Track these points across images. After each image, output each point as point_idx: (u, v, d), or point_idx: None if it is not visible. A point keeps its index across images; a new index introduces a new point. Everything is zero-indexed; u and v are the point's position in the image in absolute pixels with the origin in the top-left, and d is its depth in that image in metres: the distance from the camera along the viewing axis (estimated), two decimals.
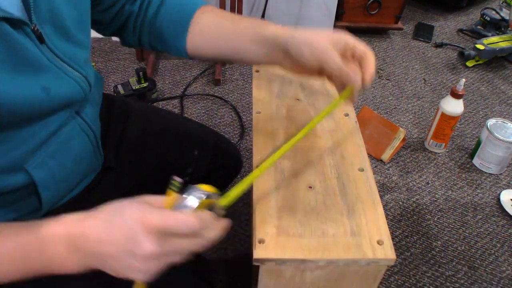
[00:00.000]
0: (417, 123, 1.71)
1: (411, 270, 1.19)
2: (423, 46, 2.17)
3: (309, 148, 0.74)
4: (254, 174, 0.58)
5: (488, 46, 1.95)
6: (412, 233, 1.29)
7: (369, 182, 0.69)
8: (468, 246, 1.27)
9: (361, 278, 0.62)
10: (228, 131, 1.62)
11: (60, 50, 0.57)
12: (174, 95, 1.77)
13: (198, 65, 1.94)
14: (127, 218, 0.47)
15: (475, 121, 1.73)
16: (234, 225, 1.29)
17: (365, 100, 1.81)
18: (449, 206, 1.38)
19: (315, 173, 0.70)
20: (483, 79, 1.97)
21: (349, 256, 0.58)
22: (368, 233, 0.61)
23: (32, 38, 0.52)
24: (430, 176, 1.48)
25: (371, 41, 2.19)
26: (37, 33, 0.52)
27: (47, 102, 0.56)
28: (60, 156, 0.62)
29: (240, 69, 1.94)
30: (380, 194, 1.41)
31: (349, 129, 0.79)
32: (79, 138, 0.66)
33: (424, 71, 2.00)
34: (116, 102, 0.85)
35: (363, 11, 2.11)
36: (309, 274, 0.61)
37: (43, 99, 0.55)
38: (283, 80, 0.90)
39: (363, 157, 0.73)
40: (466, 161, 1.55)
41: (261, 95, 0.86)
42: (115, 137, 0.81)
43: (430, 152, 1.58)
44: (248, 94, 1.79)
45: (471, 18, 2.42)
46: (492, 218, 1.35)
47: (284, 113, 0.82)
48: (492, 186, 1.46)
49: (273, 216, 0.62)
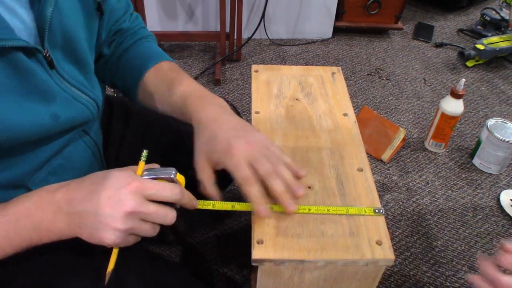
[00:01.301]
0: (417, 123, 1.71)
1: (411, 270, 1.19)
2: (423, 46, 2.17)
3: (308, 148, 0.74)
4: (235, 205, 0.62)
5: (488, 46, 1.95)
6: (412, 233, 1.29)
7: (368, 182, 0.69)
8: (468, 246, 1.27)
9: (360, 278, 0.62)
10: None
11: (70, 74, 0.57)
12: None
13: (198, 65, 1.95)
14: (113, 181, 0.50)
15: (475, 121, 1.73)
16: (233, 225, 1.29)
17: (365, 100, 1.81)
18: (449, 206, 1.38)
19: (314, 173, 0.70)
20: (483, 79, 1.97)
21: (348, 256, 0.58)
22: (367, 234, 0.61)
23: (43, 64, 0.52)
24: (430, 176, 1.48)
25: (371, 41, 2.19)
26: (48, 59, 0.52)
27: (56, 128, 0.56)
28: (62, 172, 0.62)
29: (240, 69, 1.94)
30: (380, 194, 1.41)
31: (348, 129, 0.79)
32: (83, 153, 0.66)
33: (424, 71, 2.00)
34: (116, 103, 0.85)
35: (363, 11, 2.11)
36: (308, 275, 0.61)
37: (51, 125, 0.55)
38: (282, 80, 0.90)
39: (362, 157, 0.73)
40: (466, 161, 1.55)
41: (260, 95, 0.86)
42: (116, 142, 0.82)
43: (430, 152, 1.58)
44: (248, 94, 1.79)
45: (471, 18, 2.42)
46: (492, 218, 1.35)
47: (283, 113, 0.82)
48: (492, 186, 1.45)
49: (272, 216, 0.62)
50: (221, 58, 1.90)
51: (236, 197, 1.29)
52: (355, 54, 2.09)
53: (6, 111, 0.48)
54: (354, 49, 2.13)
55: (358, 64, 2.02)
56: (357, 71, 1.98)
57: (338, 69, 0.95)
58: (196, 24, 2.05)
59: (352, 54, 2.09)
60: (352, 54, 2.09)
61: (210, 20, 2.04)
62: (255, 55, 2.03)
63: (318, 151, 0.74)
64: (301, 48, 2.10)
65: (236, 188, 1.39)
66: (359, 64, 2.02)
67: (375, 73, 1.97)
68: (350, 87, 1.87)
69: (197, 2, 1.97)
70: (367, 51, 2.12)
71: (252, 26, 1.99)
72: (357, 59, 2.05)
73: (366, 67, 2.01)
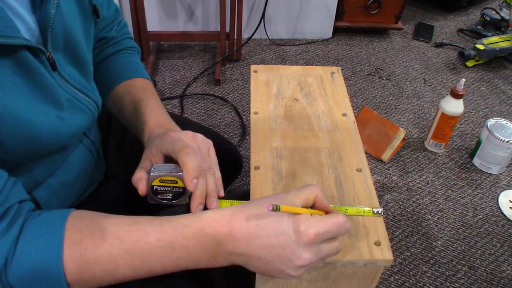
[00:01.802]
0: (417, 123, 1.70)
1: (411, 270, 1.19)
2: (423, 46, 2.17)
3: (307, 148, 0.74)
4: None
5: (488, 46, 1.95)
6: (412, 233, 1.29)
7: (367, 183, 0.69)
8: (468, 246, 1.26)
9: (359, 279, 0.62)
10: (228, 131, 1.62)
11: (71, 76, 0.58)
12: (174, 95, 1.77)
13: (198, 65, 1.95)
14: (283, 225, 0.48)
15: (475, 121, 1.73)
16: None
17: (365, 100, 1.81)
18: (449, 206, 1.38)
19: (313, 174, 0.69)
20: (483, 79, 1.97)
21: (346, 257, 0.58)
22: (366, 234, 0.61)
23: (46, 65, 0.52)
24: (430, 176, 1.48)
25: (371, 41, 2.19)
26: (50, 60, 0.52)
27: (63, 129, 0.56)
28: (61, 173, 0.62)
29: (240, 69, 1.94)
30: (380, 194, 1.41)
31: (347, 129, 0.79)
32: (82, 156, 0.67)
33: (424, 71, 2.00)
34: None
35: (363, 11, 2.11)
36: (307, 275, 0.61)
37: (59, 126, 0.55)
38: (281, 80, 0.90)
39: (361, 158, 0.73)
40: (466, 161, 1.54)
41: (259, 95, 0.86)
42: (116, 143, 0.82)
43: (430, 152, 1.57)
44: (248, 94, 1.79)
45: (471, 18, 2.42)
46: (492, 218, 1.35)
47: (282, 113, 0.81)
48: (492, 186, 1.45)
49: None
50: (221, 58, 1.90)
51: (236, 197, 1.29)
52: (355, 54, 2.09)
53: (17, 107, 0.48)
54: (354, 49, 2.13)
55: (358, 64, 2.02)
56: (357, 71, 1.98)
57: (337, 69, 0.95)
58: (196, 24, 2.05)
59: (352, 54, 2.09)
60: (352, 54, 2.09)
61: (210, 20, 2.04)
62: (255, 55, 2.03)
63: (317, 151, 0.74)
64: (301, 48, 2.10)
65: (236, 188, 1.39)
66: (359, 64, 2.02)
67: (375, 73, 1.97)
68: (350, 87, 1.87)
69: (197, 2, 1.97)
70: (367, 51, 2.11)
71: (252, 26, 1.99)
72: (357, 59, 2.05)
73: (366, 67, 2.00)
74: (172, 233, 0.49)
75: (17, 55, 0.47)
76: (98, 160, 0.71)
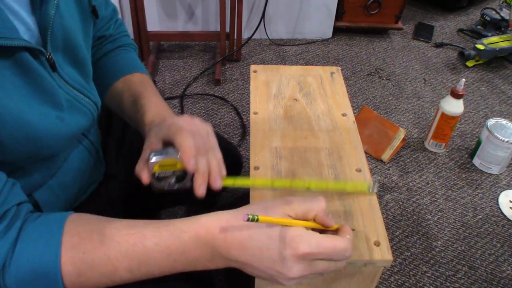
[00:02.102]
0: (417, 123, 1.70)
1: (411, 270, 1.19)
2: (423, 46, 2.17)
3: (307, 148, 0.74)
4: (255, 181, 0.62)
5: (488, 46, 1.95)
6: (412, 233, 1.29)
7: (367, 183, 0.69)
8: (468, 246, 1.26)
9: (359, 279, 0.62)
10: (228, 131, 1.62)
11: (71, 77, 0.58)
12: (174, 95, 1.77)
13: (198, 65, 1.95)
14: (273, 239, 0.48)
15: (475, 121, 1.73)
16: None
17: (365, 100, 1.81)
18: (449, 206, 1.38)
19: (312, 174, 0.69)
20: (483, 79, 1.97)
21: None
22: (365, 234, 0.61)
23: (46, 66, 0.52)
24: (430, 176, 1.48)
25: (371, 41, 2.19)
26: (50, 61, 0.53)
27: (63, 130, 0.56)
28: (61, 174, 0.62)
29: (240, 69, 1.94)
30: (380, 194, 1.41)
31: (347, 129, 0.79)
32: (82, 156, 0.67)
33: (424, 71, 2.00)
34: None
35: (363, 11, 2.11)
36: None
37: (59, 126, 0.55)
38: (281, 80, 0.90)
39: (361, 158, 0.73)
40: (466, 161, 1.54)
41: (258, 95, 0.86)
42: (115, 144, 0.82)
43: (430, 152, 1.57)
44: (248, 94, 1.79)
45: (471, 18, 2.42)
46: (492, 218, 1.35)
47: (281, 113, 0.81)
48: (492, 186, 1.45)
49: None
50: (221, 58, 1.90)
51: (236, 197, 1.29)
52: (355, 54, 2.09)
53: (17, 108, 0.48)
54: (354, 49, 2.12)
55: (358, 64, 2.02)
56: (357, 71, 1.98)
57: (337, 69, 0.95)
58: (196, 24, 2.05)
59: (352, 54, 2.09)
60: (352, 54, 2.09)
61: (210, 20, 2.04)
62: (255, 55, 2.03)
63: (317, 151, 0.74)
64: (301, 48, 2.10)
65: (236, 188, 1.39)
66: (359, 64, 2.02)
67: (375, 73, 1.97)
68: (350, 87, 1.87)
69: (197, 2, 1.97)
70: (367, 51, 2.11)
71: (252, 26, 1.99)
72: (357, 59, 2.05)
73: (366, 67, 2.00)
74: (169, 238, 0.49)
75: (16, 57, 0.47)
76: (98, 161, 0.72)
